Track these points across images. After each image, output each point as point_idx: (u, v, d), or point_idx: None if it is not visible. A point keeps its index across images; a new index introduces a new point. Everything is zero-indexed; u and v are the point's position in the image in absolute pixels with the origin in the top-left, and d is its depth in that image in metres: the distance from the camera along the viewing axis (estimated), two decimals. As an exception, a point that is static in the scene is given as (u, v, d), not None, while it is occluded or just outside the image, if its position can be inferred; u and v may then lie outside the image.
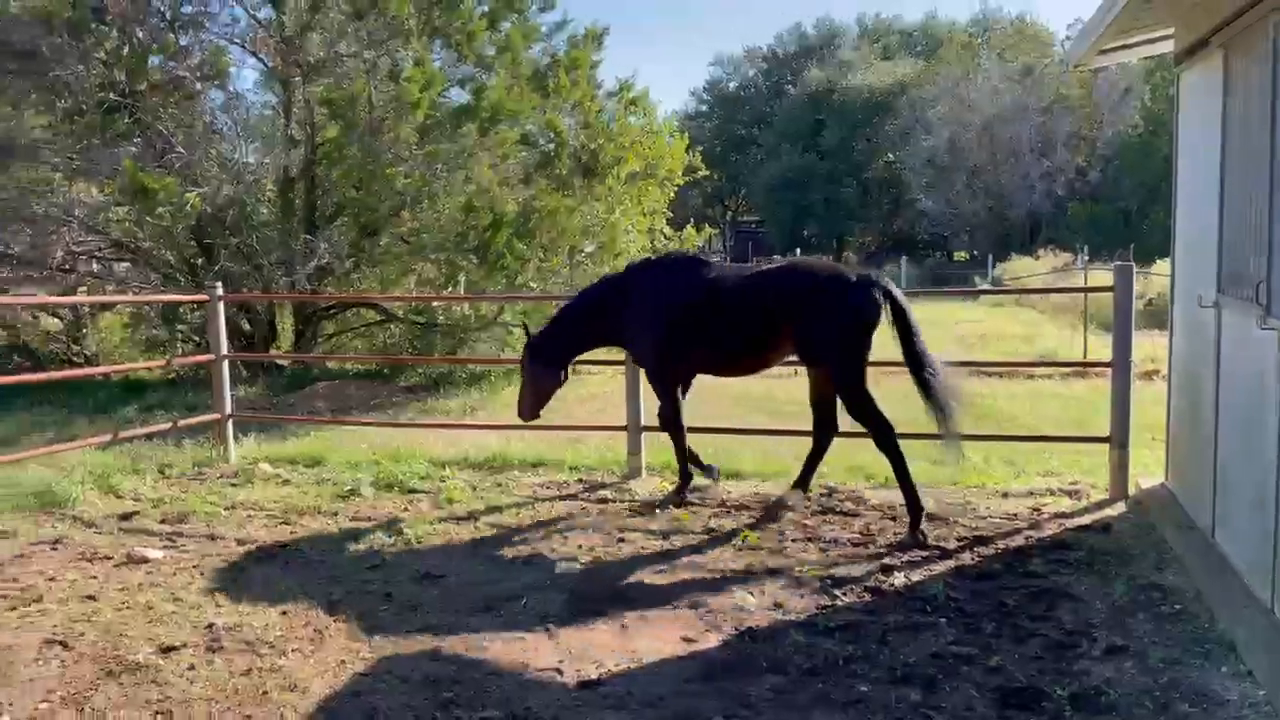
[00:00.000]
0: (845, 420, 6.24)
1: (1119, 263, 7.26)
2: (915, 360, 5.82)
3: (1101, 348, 12.93)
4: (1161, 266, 20.95)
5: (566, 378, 7.11)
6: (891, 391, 6.44)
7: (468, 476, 7.65)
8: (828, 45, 64.87)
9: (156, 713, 3.76)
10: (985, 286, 28.16)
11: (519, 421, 7.21)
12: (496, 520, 6.42)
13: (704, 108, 70.89)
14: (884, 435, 5.86)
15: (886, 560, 5.38)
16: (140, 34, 12.37)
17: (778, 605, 4.78)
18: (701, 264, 6.61)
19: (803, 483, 6.78)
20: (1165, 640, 4.22)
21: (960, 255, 54.32)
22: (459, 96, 13.69)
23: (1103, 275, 18.36)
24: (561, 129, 13.60)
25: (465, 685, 3.94)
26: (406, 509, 6.75)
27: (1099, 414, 7.79)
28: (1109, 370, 6.72)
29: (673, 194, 16.56)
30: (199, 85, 12.89)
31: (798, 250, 43.54)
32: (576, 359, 7.20)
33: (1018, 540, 5.74)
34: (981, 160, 47.88)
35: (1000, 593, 4.85)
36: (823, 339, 5.95)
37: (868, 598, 4.84)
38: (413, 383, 13.20)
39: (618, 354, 7.93)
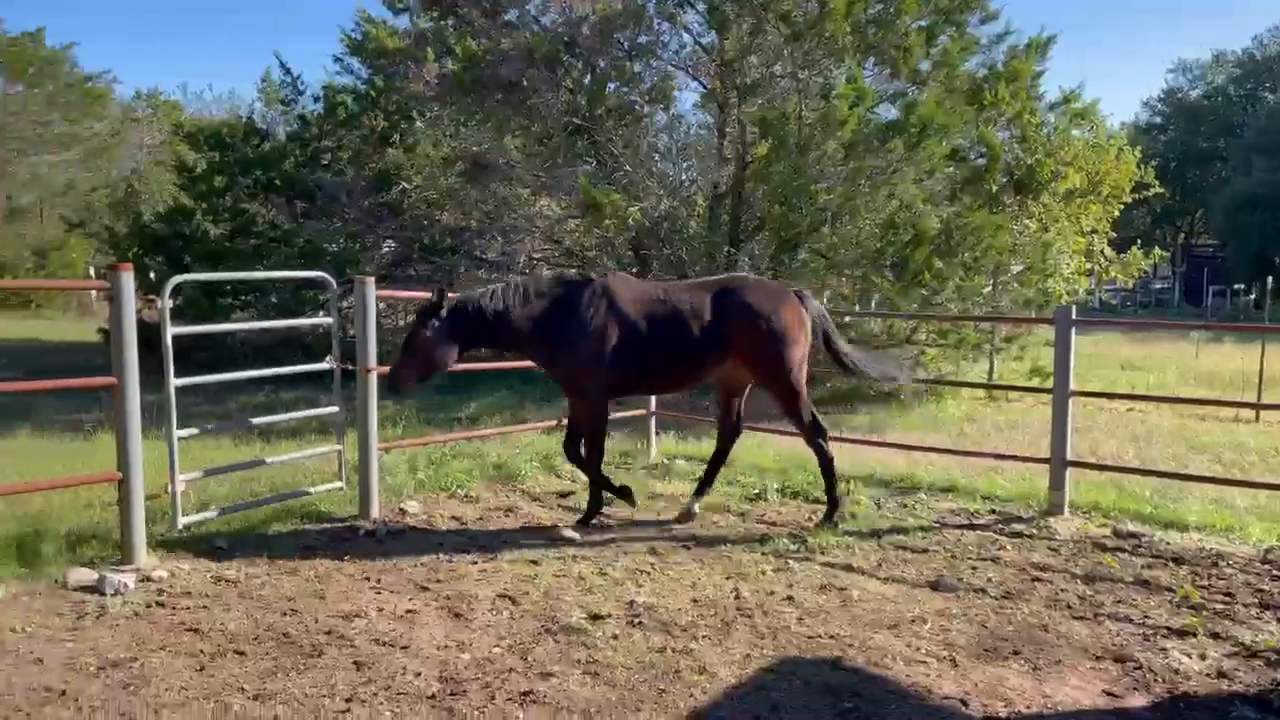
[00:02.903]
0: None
1: None
2: (836, 355, 6.86)
3: None
4: None
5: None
6: None
7: (873, 493, 7.60)
8: (1323, 45, 55.69)
9: (585, 672, 4.18)
10: None
11: (928, 443, 7.04)
12: (901, 541, 6.32)
13: (1158, 119, 64.04)
14: (816, 434, 6.58)
15: (1372, 647, 4.53)
16: (602, 64, 13.75)
17: (1221, 674, 4.23)
18: (643, 282, 6.93)
19: (701, 492, 6.96)
20: None
21: None
22: (887, 113, 13.62)
23: None
24: (995, 143, 13.00)
25: (865, 700, 3.93)
26: (810, 518, 6.85)
27: None
28: None
29: (1116, 213, 15.18)
30: (646, 109, 14.05)
31: (1268, 280, 37.77)
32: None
33: None
34: None
35: None
36: (765, 348, 6.40)
37: (1344, 686, 4.12)
38: (820, 396, 13.34)
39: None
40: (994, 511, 7.12)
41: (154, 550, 5.66)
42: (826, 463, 6.63)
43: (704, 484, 7.03)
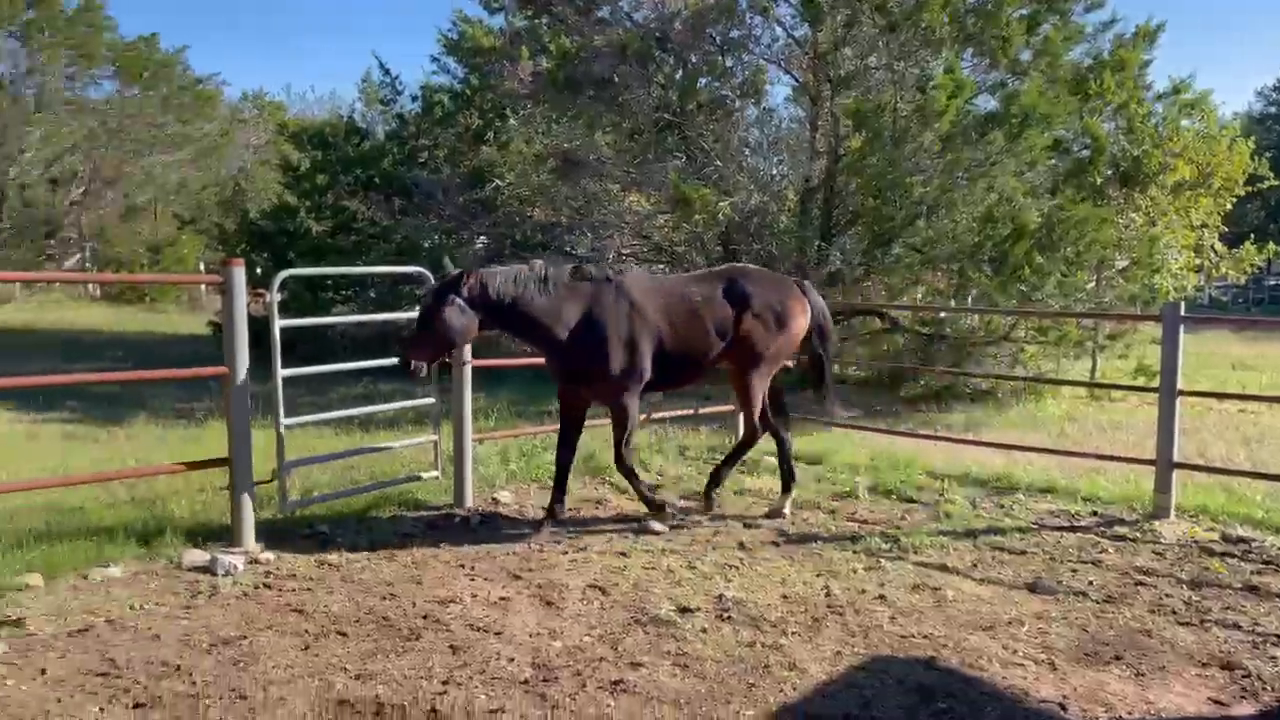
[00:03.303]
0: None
1: None
2: (822, 351, 7.05)
3: None
4: None
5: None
6: None
7: (968, 493, 7.44)
8: None
9: (674, 664, 4.21)
10: None
11: (1027, 443, 6.88)
12: (997, 542, 6.18)
13: (1273, 109, 61.01)
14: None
15: None
16: (693, 59, 13.76)
17: (1340, 687, 4.05)
18: (655, 277, 6.87)
19: (787, 488, 6.91)
20: None
21: None
22: (985, 104, 13.31)
23: None
24: (1100, 134, 12.59)
25: (959, 700, 3.87)
26: (904, 517, 6.76)
27: None
28: None
29: (1228, 206, 14.55)
30: (737, 103, 14.01)
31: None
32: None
33: None
34: None
35: None
36: (760, 336, 6.44)
37: None
38: (913, 394, 13.11)
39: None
40: (1095, 513, 6.91)
41: (261, 533, 5.89)
42: (745, 446, 7.05)
43: (786, 478, 6.96)
